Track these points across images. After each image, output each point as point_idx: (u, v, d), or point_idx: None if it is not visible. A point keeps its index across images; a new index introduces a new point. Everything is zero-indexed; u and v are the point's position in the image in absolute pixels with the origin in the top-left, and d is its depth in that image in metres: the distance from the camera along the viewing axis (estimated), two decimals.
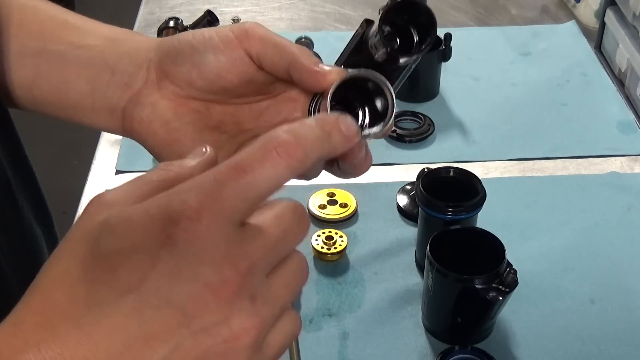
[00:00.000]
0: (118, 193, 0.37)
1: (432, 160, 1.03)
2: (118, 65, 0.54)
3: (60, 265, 0.35)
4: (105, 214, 0.35)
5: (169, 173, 0.38)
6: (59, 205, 1.28)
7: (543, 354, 0.78)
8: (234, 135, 0.54)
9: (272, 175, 0.35)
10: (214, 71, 0.51)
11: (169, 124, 0.53)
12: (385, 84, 0.48)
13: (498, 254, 0.75)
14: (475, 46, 1.30)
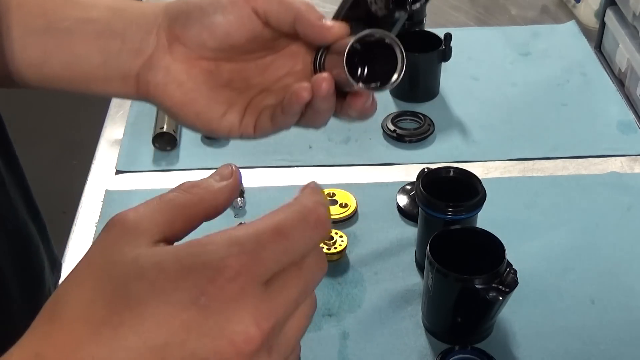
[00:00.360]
0: (141, 215, 0.37)
1: (432, 160, 1.03)
2: (127, 33, 0.56)
3: (84, 296, 0.35)
4: (133, 249, 0.36)
5: (193, 197, 0.39)
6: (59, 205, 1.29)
7: (543, 354, 0.78)
8: (243, 90, 0.56)
9: (307, 244, 0.37)
10: (223, 31, 0.53)
11: (183, 85, 0.55)
12: (395, 41, 0.50)
13: (498, 254, 0.75)
14: (475, 46, 1.30)
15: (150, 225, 0.37)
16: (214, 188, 0.40)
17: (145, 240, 0.36)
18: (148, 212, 0.38)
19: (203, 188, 0.39)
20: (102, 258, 0.36)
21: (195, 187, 0.39)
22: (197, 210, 0.39)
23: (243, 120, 0.56)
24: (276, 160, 1.05)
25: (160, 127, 1.06)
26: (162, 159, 1.06)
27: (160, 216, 0.38)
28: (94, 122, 1.21)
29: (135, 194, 0.99)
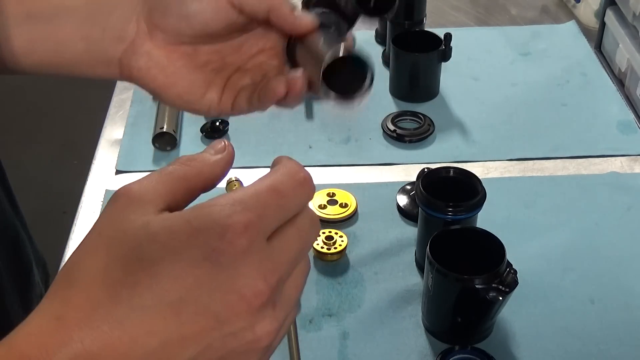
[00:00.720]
0: (145, 187, 0.39)
1: (432, 160, 1.03)
2: (107, 22, 0.57)
3: (99, 263, 0.37)
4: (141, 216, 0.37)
5: (191, 169, 0.41)
6: (59, 205, 1.29)
7: (543, 354, 0.78)
8: (220, 70, 0.59)
9: (300, 200, 0.41)
10: (200, 21, 0.56)
11: (165, 69, 0.58)
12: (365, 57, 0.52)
13: (498, 254, 0.75)
14: (475, 46, 1.30)
15: (154, 196, 0.39)
16: (210, 161, 0.42)
17: (151, 209, 0.38)
18: (151, 184, 0.40)
19: (200, 161, 0.41)
20: (112, 226, 0.38)
21: (192, 160, 0.41)
22: (196, 181, 0.41)
23: (222, 99, 0.59)
24: None
25: (160, 127, 1.06)
26: (162, 159, 1.06)
27: (163, 187, 0.39)
28: (94, 122, 1.21)
29: None
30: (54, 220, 0.91)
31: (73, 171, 1.41)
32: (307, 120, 1.13)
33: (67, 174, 1.86)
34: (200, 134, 1.09)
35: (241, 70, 0.60)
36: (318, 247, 0.88)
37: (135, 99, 1.18)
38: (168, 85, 0.59)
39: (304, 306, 0.83)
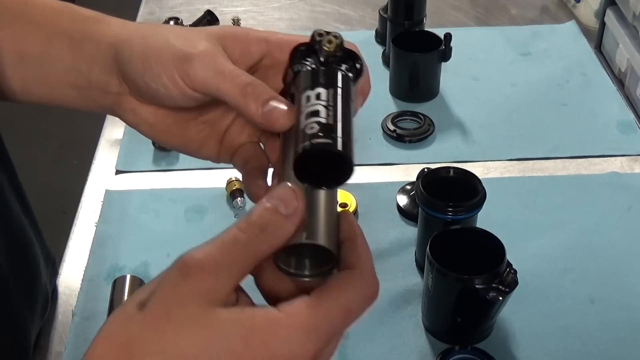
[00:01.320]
0: (212, 263, 0.40)
1: (432, 160, 1.03)
2: (90, 75, 0.56)
3: (167, 355, 0.39)
4: (207, 309, 0.39)
5: (263, 244, 0.42)
6: (59, 205, 1.29)
7: (543, 354, 0.78)
8: (214, 122, 0.57)
9: (365, 311, 0.43)
10: (169, 100, 0.53)
11: (154, 127, 0.57)
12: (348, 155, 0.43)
13: (498, 254, 0.75)
14: (475, 46, 1.30)
15: (227, 279, 0.41)
16: (280, 232, 0.42)
17: (223, 295, 0.40)
18: (224, 261, 0.41)
19: (271, 232, 0.42)
20: (182, 310, 0.39)
21: (264, 231, 0.42)
22: (265, 254, 0.42)
23: (220, 153, 0.58)
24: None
25: None
26: (162, 159, 1.06)
27: (236, 268, 0.41)
28: (94, 122, 1.21)
29: (135, 194, 0.99)
30: (54, 220, 0.91)
31: (73, 171, 1.41)
32: None
33: (67, 174, 1.86)
34: None
35: (236, 125, 0.57)
36: None
37: None
38: (161, 139, 0.58)
39: None
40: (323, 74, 0.46)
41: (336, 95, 0.45)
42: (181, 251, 0.98)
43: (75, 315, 0.83)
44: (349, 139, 0.43)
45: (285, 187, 0.43)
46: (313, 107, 0.44)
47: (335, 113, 0.44)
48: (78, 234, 0.94)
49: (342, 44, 0.47)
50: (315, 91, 0.45)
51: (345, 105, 0.45)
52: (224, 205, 0.97)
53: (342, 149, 0.42)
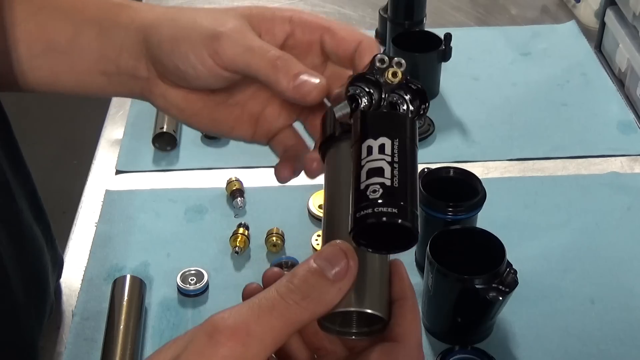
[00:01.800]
0: (244, 332, 0.37)
1: (432, 160, 1.03)
2: (119, 61, 0.56)
3: None
4: None
5: (305, 312, 0.38)
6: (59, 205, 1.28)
7: (543, 354, 0.78)
8: (245, 103, 0.55)
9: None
10: (199, 82, 0.52)
11: (184, 111, 0.55)
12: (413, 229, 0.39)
13: (498, 254, 0.75)
14: (475, 46, 1.30)
15: (258, 350, 0.37)
16: (325, 299, 0.39)
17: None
18: (258, 329, 0.37)
19: (314, 300, 0.38)
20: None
21: (307, 298, 0.38)
22: (305, 323, 0.39)
23: (255, 133, 0.56)
24: (276, 160, 1.05)
25: (160, 127, 1.06)
26: (162, 159, 1.06)
27: (271, 339, 0.38)
28: (94, 122, 1.21)
29: (135, 194, 0.99)
30: (54, 220, 0.91)
31: (73, 171, 1.41)
32: None
33: (67, 174, 1.86)
34: (201, 134, 1.09)
35: (272, 107, 0.56)
36: (318, 247, 0.88)
37: (135, 99, 1.18)
38: (192, 122, 0.57)
39: None
40: (388, 119, 0.41)
41: (404, 149, 0.39)
42: (181, 251, 0.98)
43: (75, 315, 0.83)
44: (415, 206, 0.38)
45: (334, 247, 0.39)
46: (375, 163, 0.39)
47: (401, 173, 0.38)
48: (78, 234, 0.94)
49: (407, 76, 0.42)
50: (378, 141, 0.39)
51: (412, 160, 0.40)
52: (224, 205, 0.97)
53: (411, 222, 0.37)
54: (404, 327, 0.41)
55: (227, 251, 0.89)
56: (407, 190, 0.38)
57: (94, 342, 0.79)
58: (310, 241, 0.89)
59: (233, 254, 0.89)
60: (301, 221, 0.93)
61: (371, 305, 0.40)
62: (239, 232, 0.89)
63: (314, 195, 0.95)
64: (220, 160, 1.05)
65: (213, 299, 0.84)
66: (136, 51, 0.55)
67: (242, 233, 0.89)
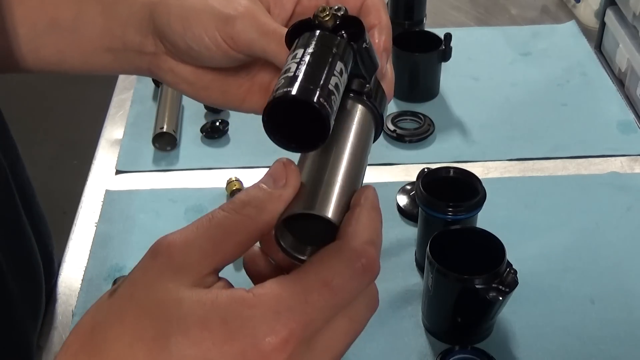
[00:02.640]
0: (190, 246, 0.36)
1: (432, 160, 1.03)
2: (125, 36, 0.55)
3: (124, 339, 0.35)
4: (179, 287, 0.35)
5: (245, 219, 0.37)
6: (59, 205, 1.29)
7: (543, 354, 0.78)
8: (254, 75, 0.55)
9: (356, 292, 0.37)
10: (208, 60, 0.52)
11: (193, 84, 0.55)
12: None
13: (498, 254, 0.75)
14: (475, 46, 1.30)
15: (198, 257, 0.36)
16: (266, 206, 0.38)
17: (192, 276, 0.36)
18: (197, 240, 0.37)
19: (255, 207, 0.38)
20: (145, 292, 0.36)
21: (246, 205, 0.38)
22: (249, 233, 0.38)
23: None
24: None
25: (160, 127, 1.06)
26: (162, 159, 1.06)
27: (210, 245, 0.37)
28: (94, 122, 1.21)
29: (135, 194, 0.99)
30: (54, 220, 0.91)
31: (73, 171, 1.41)
32: None
33: (67, 174, 1.86)
34: (201, 134, 1.09)
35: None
36: None
37: (135, 99, 1.18)
38: (202, 96, 0.56)
39: None
40: (303, 37, 0.44)
41: (317, 54, 0.42)
42: None
43: (75, 315, 0.83)
44: (313, 84, 0.39)
45: (275, 162, 0.40)
46: (286, 66, 0.41)
47: (307, 67, 0.41)
48: (78, 234, 0.94)
49: (343, 14, 0.45)
50: (293, 53, 0.43)
51: (319, 56, 0.42)
52: None
53: (298, 92, 0.39)
54: (350, 226, 0.39)
55: None
56: (309, 75, 0.40)
57: None
58: None
59: None
60: None
61: (320, 208, 0.39)
62: None
63: None
64: (220, 160, 1.05)
65: None
66: (143, 27, 0.54)
67: None
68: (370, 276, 0.39)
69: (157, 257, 0.37)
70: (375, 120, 0.48)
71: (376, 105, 0.48)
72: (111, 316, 0.36)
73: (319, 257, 0.37)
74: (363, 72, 0.48)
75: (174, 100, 1.11)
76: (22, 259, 0.77)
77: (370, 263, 0.39)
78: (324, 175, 0.41)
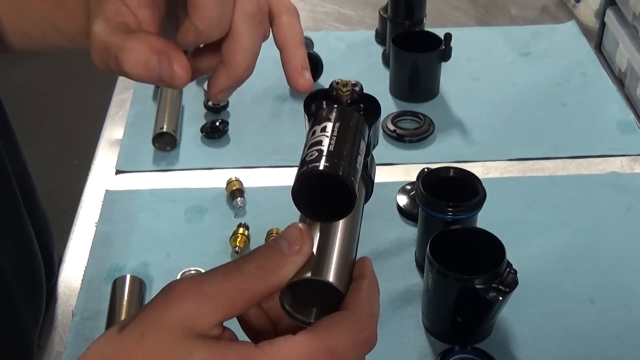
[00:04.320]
0: (205, 297, 0.38)
1: (432, 160, 1.03)
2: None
3: None
4: (188, 338, 0.37)
5: (259, 281, 0.40)
6: (59, 205, 1.29)
7: (543, 354, 0.78)
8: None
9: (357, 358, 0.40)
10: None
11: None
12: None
13: (498, 254, 0.75)
14: (475, 46, 1.30)
15: (210, 309, 0.38)
16: (280, 270, 0.40)
17: (202, 326, 0.38)
18: (211, 292, 0.39)
19: (269, 270, 0.40)
20: (155, 335, 0.37)
21: (262, 268, 0.40)
22: (259, 293, 0.40)
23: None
24: (276, 160, 1.05)
25: (160, 127, 1.06)
26: (162, 159, 1.06)
27: (222, 299, 0.39)
28: (94, 122, 1.21)
29: (135, 194, 0.99)
30: (54, 220, 0.91)
31: (73, 171, 1.41)
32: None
33: (67, 174, 1.86)
34: (201, 134, 1.09)
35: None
36: None
37: (135, 99, 1.18)
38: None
39: None
40: (331, 110, 0.46)
41: (345, 130, 0.45)
42: (181, 251, 0.99)
43: (75, 315, 0.83)
44: (347, 164, 0.42)
45: (292, 226, 0.42)
46: (316, 138, 0.44)
47: (338, 143, 0.43)
48: (78, 234, 0.94)
49: (359, 90, 0.48)
50: (321, 125, 0.45)
51: (350, 136, 0.44)
52: (224, 205, 0.97)
53: (334, 170, 0.41)
54: (357, 297, 0.42)
55: (227, 251, 0.89)
56: (344, 154, 0.42)
57: None
58: None
59: (233, 254, 0.89)
60: None
61: (326, 276, 0.42)
62: (239, 232, 0.89)
63: None
64: (220, 160, 1.05)
65: None
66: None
67: (242, 233, 0.89)
68: (369, 347, 0.43)
69: (170, 302, 0.38)
70: (366, 187, 0.50)
71: (370, 175, 0.51)
72: (121, 353, 0.38)
73: (326, 323, 0.40)
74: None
75: (174, 100, 1.11)
76: (23, 258, 0.77)
77: (371, 335, 0.43)
78: (330, 243, 0.44)
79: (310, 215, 0.43)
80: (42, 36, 0.55)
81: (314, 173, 0.41)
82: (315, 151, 0.42)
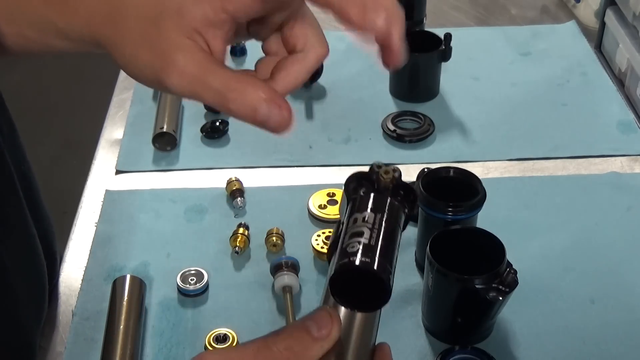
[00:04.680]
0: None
1: (432, 160, 1.03)
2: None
3: None
4: None
5: (280, 355, 0.41)
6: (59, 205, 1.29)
7: (543, 354, 0.78)
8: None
9: None
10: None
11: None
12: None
13: (498, 254, 0.75)
14: (475, 46, 1.30)
15: None
16: (307, 353, 0.42)
17: None
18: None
19: (297, 352, 0.41)
20: None
21: (291, 349, 0.41)
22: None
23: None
24: (276, 160, 1.05)
25: (160, 127, 1.06)
26: (162, 159, 1.06)
27: None
28: (94, 122, 1.21)
29: (135, 194, 0.99)
30: (54, 220, 0.91)
31: (73, 171, 1.41)
32: (307, 120, 1.13)
33: (67, 174, 1.86)
34: (201, 134, 1.09)
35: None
36: (318, 247, 0.88)
37: (135, 99, 1.18)
38: None
39: (304, 307, 0.83)
40: (374, 200, 0.47)
41: (385, 222, 0.46)
42: (181, 251, 0.99)
43: (75, 315, 0.83)
44: (388, 263, 0.44)
45: (322, 310, 0.43)
46: (358, 228, 0.45)
47: (379, 237, 0.44)
48: (78, 234, 0.94)
49: (399, 177, 0.48)
50: (363, 214, 0.46)
51: (391, 233, 0.46)
52: (224, 205, 0.97)
53: (378, 269, 0.43)
54: None
55: (227, 251, 0.89)
56: (383, 250, 0.44)
57: (94, 342, 0.79)
58: (310, 241, 0.89)
59: (233, 254, 0.89)
60: (301, 221, 0.93)
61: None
62: (239, 232, 0.89)
63: (314, 195, 0.95)
64: (220, 160, 1.05)
65: (213, 299, 0.84)
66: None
67: (242, 233, 0.89)
68: None
69: None
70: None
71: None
72: None
73: None
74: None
75: (174, 100, 1.11)
76: (26, 258, 0.77)
77: None
78: (353, 328, 0.46)
79: (344, 303, 0.45)
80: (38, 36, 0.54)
81: (353, 267, 0.43)
82: (357, 242, 0.44)
